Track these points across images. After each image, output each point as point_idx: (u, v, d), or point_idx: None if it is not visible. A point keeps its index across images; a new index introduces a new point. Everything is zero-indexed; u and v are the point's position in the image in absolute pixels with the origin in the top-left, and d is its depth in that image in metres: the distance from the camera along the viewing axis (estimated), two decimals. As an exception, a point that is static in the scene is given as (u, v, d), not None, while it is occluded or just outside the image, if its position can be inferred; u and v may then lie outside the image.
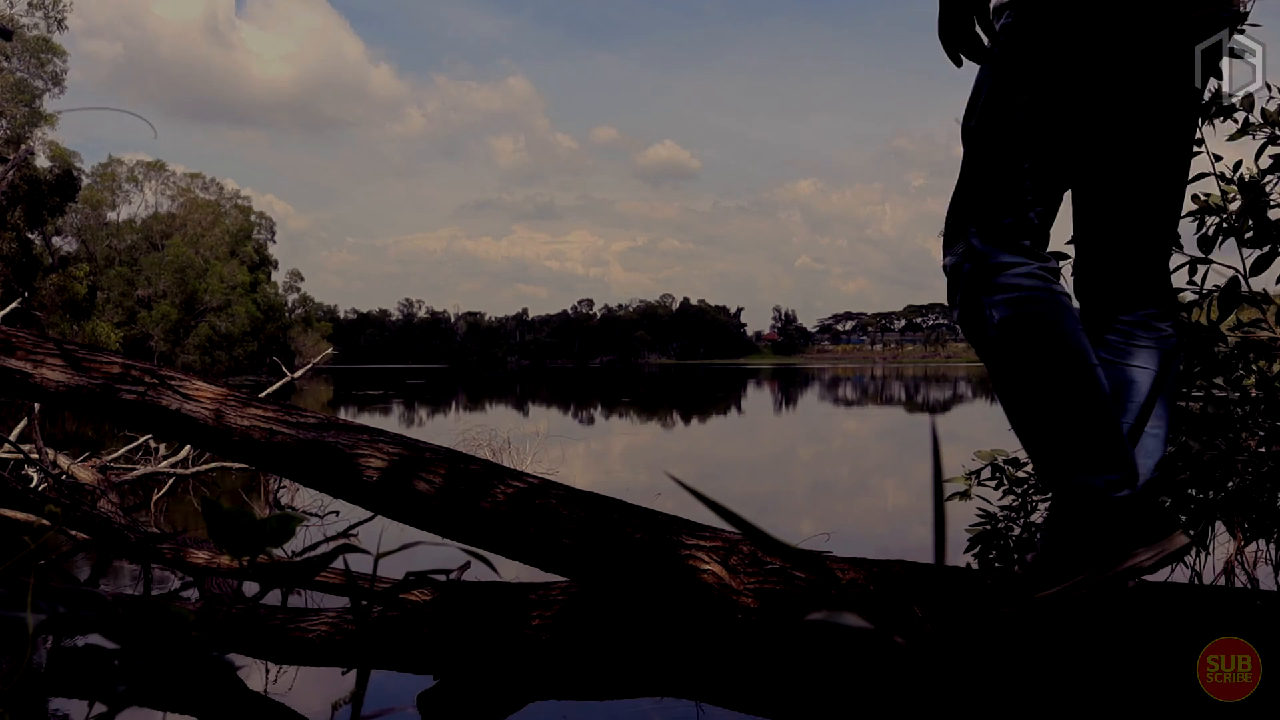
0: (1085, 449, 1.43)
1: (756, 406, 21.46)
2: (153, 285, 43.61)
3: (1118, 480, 1.42)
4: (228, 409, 2.36)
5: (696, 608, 1.88)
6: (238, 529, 0.66)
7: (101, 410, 2.38)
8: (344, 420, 2.46)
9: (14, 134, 29.20)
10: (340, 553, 0.87)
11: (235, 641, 2.35)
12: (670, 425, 15.43)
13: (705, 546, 1.93)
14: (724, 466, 8.65)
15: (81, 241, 44.69)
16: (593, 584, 2.12)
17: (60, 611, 0.59)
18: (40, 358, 2.41)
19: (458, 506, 2.14)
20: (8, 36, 3.52)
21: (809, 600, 1.80)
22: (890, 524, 5.33)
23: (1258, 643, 1.43)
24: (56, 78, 30.24)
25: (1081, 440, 1.43)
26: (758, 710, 2.07)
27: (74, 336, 31.15)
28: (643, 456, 9.68)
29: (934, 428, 0.52)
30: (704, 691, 2.12)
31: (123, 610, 0.61)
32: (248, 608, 2.40)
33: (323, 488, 2.36)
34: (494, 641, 2.19)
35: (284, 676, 2.33)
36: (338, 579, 2.50)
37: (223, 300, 44.81)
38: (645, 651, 2.06)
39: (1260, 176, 2.17)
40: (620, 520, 2.05)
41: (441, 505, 2.15)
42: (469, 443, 7.00)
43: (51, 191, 31.09)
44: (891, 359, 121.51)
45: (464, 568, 2.52)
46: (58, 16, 30.01)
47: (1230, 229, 2.21)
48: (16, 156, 16.38)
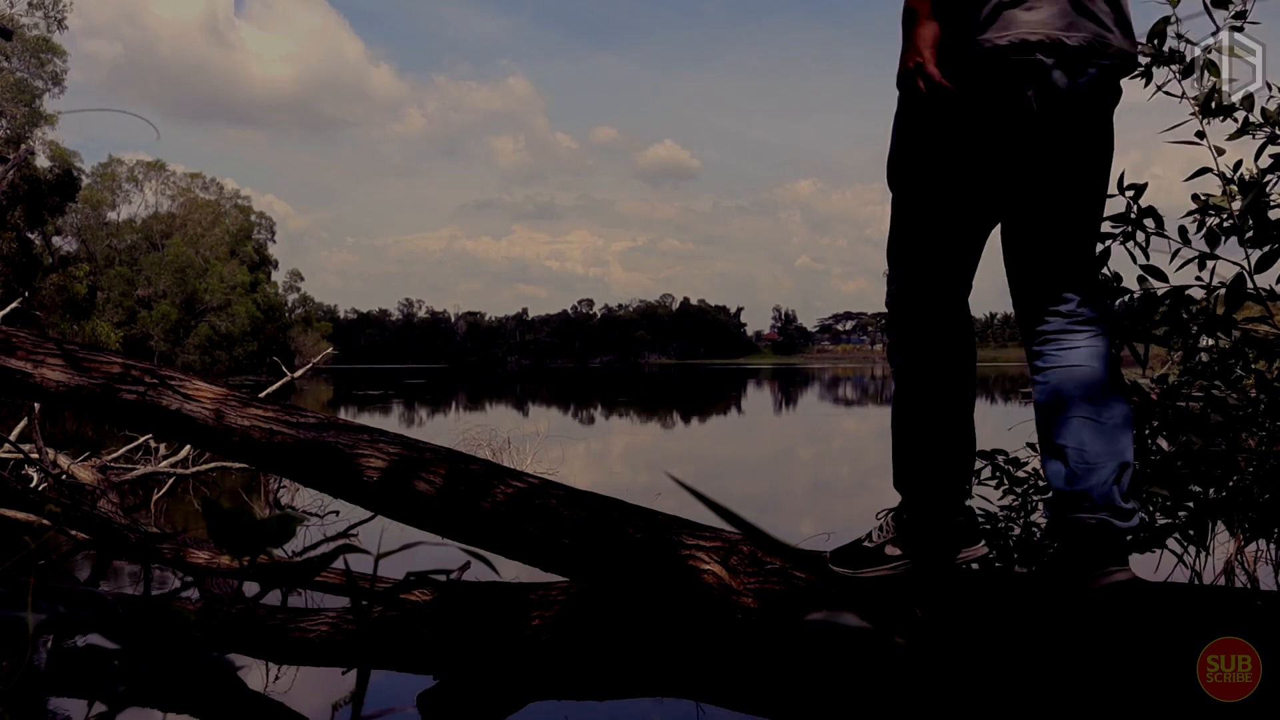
0: (924, 481, 1.78)
1: (756, 406, 21.46)
2: (153, 285, 43.61)
3: (950, 505, 1.77)
4: (228, 409, 2.36)
5: (696, 608, 1.88)
6: (238, 529, 0.66)
7: (101, 410, 2.38)
8: (344, 420, 2.46)
9: (14, 134, 29.21)
10: (340, 553, 0.87)
11: (235, 641, 2.35)
12: (670, 425, 15.43)
13: (705, 546, 1.93)
14: (724, 466, 8.65)
15: (81, 241, 44.68)
16: (593, 584, 2.12)
17: (60, 611, 0.59)
18: (41, 358, 2.41)
19: (458, 506, 2.14)
20: (8, 36, 3.52)
21: (809, 600, 1.80)
22: (890, 524, 5.32)
23: (1258, 643, 1.43)
24: (56, 78, 30.24)
25: (923, 475, 1.78)
26: (758, 710, 2.07)
27: (74, 336, 31.16)
28: (643, 456, 9.68)
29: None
30: (704, 691, 2.12)
31: (123, 610, 0.61)
32: (248, 608, 2.40)
33: (323, 488, 2.36)
34: (494, 641, 2.19)
35: (284, 676, 2.33)
36: (338, 579, 2.50)
37: (223, 300, 44.80)
38: (645, 651, 2.06)
39: (1260, 176, 2.17)
40: (620, 520, 2.05)
41: (441, 505, 2.15)
42: (469, 443, 7.00)
43: (51, 191, 31.09)
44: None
45: (464, 568, 2.51)
46: (58, 16, 30.03)
47: (1231, 228, 2.21)
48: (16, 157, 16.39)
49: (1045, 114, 1.58)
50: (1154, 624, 1.56)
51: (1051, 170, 1.64)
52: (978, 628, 1.65)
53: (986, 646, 1.62)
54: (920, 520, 1.76)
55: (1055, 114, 1.58)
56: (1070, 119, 1.60)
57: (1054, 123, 1.59)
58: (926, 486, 1.77)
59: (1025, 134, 1.60)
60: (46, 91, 30.14)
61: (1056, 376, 1.69)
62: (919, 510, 1.77)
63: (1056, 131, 1.60)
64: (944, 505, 1.76)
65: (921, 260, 1.75)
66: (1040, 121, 1.59)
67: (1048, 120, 1.59)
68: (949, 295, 1.76)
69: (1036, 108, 1.57)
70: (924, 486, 1.77)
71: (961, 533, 1.77)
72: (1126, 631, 1.54)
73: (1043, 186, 1.66)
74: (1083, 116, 1.61)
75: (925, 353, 1.77)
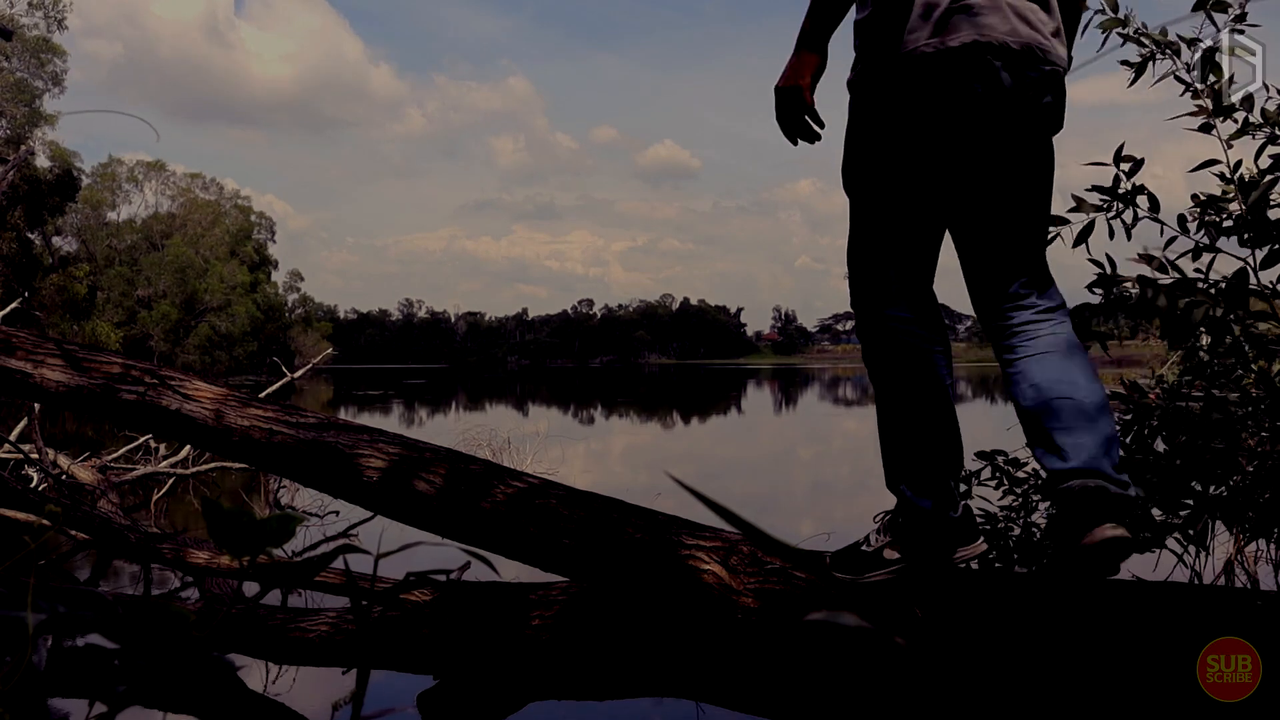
0: (914, 481, 1.78)
1: (756, 406, 21.46)
2: (153, 285, 43.59)
3: (943, 504, 1.77)
4: (228, 409, 2.36)
5: (697, 608, 1.88)
6: (238, 529, 0.66)
7: (102, 410, 2.38)
8: (344, 420, 2.46)
9: (14, 134, 29.20)
10: (340, 553, 0.87)
11: (235, 641, 2.35)
12: (670, 425, 15.43)
13: (705, 546, 1.93)
14: (724, 466, 8.65)
15: (81, 241, 44.67)
16: (593, 584, 2.12)
17: (60, 611, 0.59)
18: (41, 358, 2.41)
19: (458, 506, 2.14)
20: (8, 37, 3.52)
21: (809, 600, 1.80)
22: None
23: (1258, 643, 1.43)
24: (56, 78, 30.24)
25: (912, 474, 1.78)
26: (758, 710, 2.07)
27: (74, 336, 31.15)
28: (643, 456, 9.68)
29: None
30: (704, 691, 2.12)
31: (123, 610, 0.61)
32: (248, 608, 2.40)
33: (323, 488, 2.36)
34: (494, 641, 2.19)
35: (284, 676, 2.33)
36: (338, 579, 2.50)
37: (223, 300, 44.78)
38: (645, 651, 2.06)
39: (1260, 176, 2.16)
40: (620, 520, 2.05)
41: (441, 505, 2.15)
42: (469, 443, 7.00)
43: (51, 191, 31.08)
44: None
45: (464, 568, 2.51)
46: (58, 16, 30.02)
47: (1231, 228, 2.20)
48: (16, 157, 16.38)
49: (994, 111, 1.68)
50: (1154, 624, 1.56)
51: (999, 166, 1.74)
52: (978, 628, 1.65)
53: (986, 646, 1.63)
54: (915, 521, 1.77)
55: (1003, 111, 1.68)
56: (1016, 117, 1.70)
57: (1002, 119, 1.69)
58: (917, 486, 1.78)
59: (974, 132, 1.70)
60: (46, 91, 30.16)
61: (1029, 366, 1.73)
62: (913, 511, 1.77)
63: (1004, 128, 1.70)
64: (937, 504, 1.77)
65: (880, 262, 1.81)
66: (989, 118, 1.68)
67: (996, 117, 1.68)
68: (910, 294, 1.80)
69: (986, 105, 1.67)
70: (914, 486, 1.78)
71: (958, 531, 1.78)
72: (1127, 631, 1.54)
73: (991, 183, 1.75)
74: (1028, 115, 1.71)
75: (895, 354, 1.80)
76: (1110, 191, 2.25)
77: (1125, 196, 2.25)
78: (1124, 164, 2.24)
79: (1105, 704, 1.53)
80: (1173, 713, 1.49)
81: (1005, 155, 1.73)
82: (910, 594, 1.73)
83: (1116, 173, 2.25)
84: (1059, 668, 1.56)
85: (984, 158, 1.72)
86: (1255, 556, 2.71)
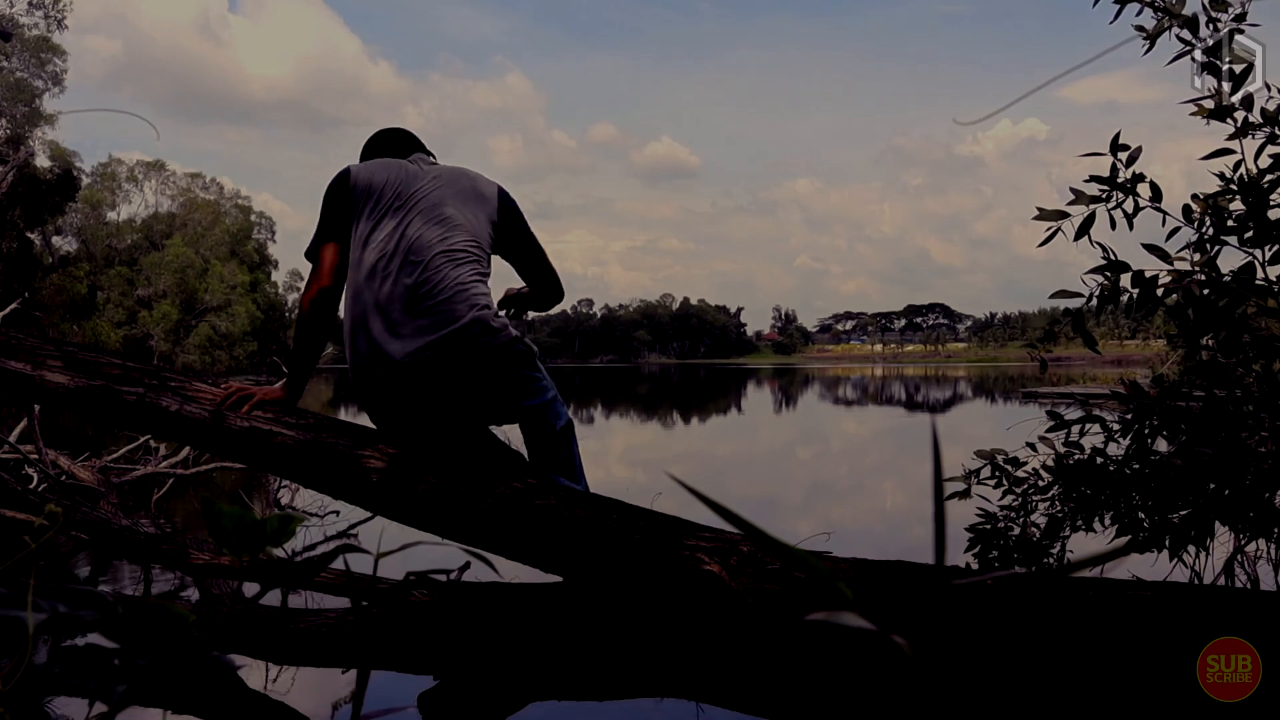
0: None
1: (756, 406, 21.45)
2: (153, 285, 43.56)
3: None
4: (228, 410, 2.36)
5: (696, 608, 1.88)
6: (238, 529, 0.66)
7: (102, 411, 2.38)
8: (344, 420, 2.46)
9: (14, 134, 29.19)
10: (340, 553, 0.87)
11: (235, 641, 2.34)
12: (670, 425, 15.42)
13: (705, 546, 1.93)
14: (724, 466, 8.65)
15: (81, 241, 44.64)
16: (593, 584, 2.12)
17: (60, 611, 0.59)
18: (41, 359, 2.41)
19: (458, 506, 2.14)
20: (7, 37, 3.51)
21: (809, 600, 1.80)
22: (890, 524, 5.33)
23: (1258, 643, 1.43)
24: (56, 78, 30.24)
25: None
26: (758, 710, 2.07)
27: (74, 337, 31.16)
28: (643, 456, 9.68)
29: (934, 428, 0.52)
30: (704, 691, 2.11)
31: (123, 610, 0.61)
32: (248, 608, 2.40)
33: (323, 488, 2.36)
34: (494, 641, 2.19)
35: (284, 676, 2.32)
36: (338, 579, 2.50)
37: (223, 300, 44.76)
38: (645, 652, 2.06)
39: (1259, 176, 2.16)
40: (620, 520, 2.05)
41: (441, 505, 2.15)
42: (469, 443, 6.97)
43: (51, 191, 31.05)
44: (892, 358, 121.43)
45: (464, 568, 2.51)
46: (58, 16, 30.00)
47: (1231, 228, 2.20)
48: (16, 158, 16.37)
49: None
50: (1154, 624, 1.56)
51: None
52: (979, 628, 1.65)
53: (986, 646, 1.62)
54: None
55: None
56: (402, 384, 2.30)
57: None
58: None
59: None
60: (46, 91, 30.16)
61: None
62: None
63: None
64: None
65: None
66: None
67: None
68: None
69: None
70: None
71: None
72: (1127, 631, 1.54)
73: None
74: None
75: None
76: (1109, 181, 2.20)
77: (1125, 185, 2.20)
78: (1121, 153, 2.20)
79: (1106, 704, 1.53)
80: (1173, 713, 1.49)
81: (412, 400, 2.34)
82: (910, 594, 1.73)
83: (1114, 162, 2.22)
84: (1059, 667, 1.56)
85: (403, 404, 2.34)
86: (1255, 557, 2.70)
